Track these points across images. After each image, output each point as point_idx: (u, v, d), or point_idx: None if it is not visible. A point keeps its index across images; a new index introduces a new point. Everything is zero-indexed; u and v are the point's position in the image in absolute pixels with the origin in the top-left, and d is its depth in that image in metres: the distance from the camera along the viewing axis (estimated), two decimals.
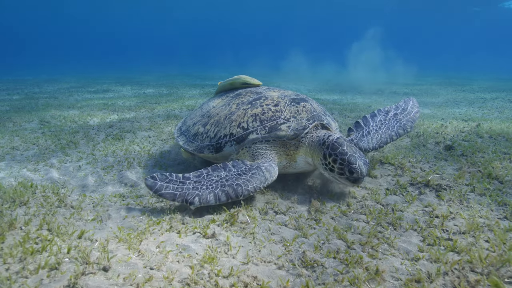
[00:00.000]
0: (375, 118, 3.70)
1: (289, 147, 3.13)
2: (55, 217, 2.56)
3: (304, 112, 3.24)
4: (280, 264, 2.00)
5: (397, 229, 2.47)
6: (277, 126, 3.12)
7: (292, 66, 25.68)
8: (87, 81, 17.90)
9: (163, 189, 2.67)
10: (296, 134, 3.08)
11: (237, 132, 3.20)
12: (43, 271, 1.91)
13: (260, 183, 2.77)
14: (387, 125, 3.59)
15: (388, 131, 3.52)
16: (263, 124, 3.15)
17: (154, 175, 2.77)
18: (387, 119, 3.66)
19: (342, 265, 1.98)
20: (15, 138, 5.27)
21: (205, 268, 1.94)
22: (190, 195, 2.63)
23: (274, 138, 3.12)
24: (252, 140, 3.12)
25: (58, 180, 3.52)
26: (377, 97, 11.40)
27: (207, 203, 2.61)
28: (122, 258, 2.03)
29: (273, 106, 3.28)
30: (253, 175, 2.79)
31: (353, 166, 2.72)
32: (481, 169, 3.52)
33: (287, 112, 3.21)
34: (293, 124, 3.13)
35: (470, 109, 8.64)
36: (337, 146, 2.84)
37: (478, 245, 2.20)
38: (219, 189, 2.68)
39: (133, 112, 7.78)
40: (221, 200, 2.63)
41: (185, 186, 2.72)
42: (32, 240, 2.22)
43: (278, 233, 2.38)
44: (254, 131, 3.13)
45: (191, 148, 3.48)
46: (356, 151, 2.85)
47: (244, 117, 3.26)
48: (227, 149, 3.22)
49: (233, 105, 3.55)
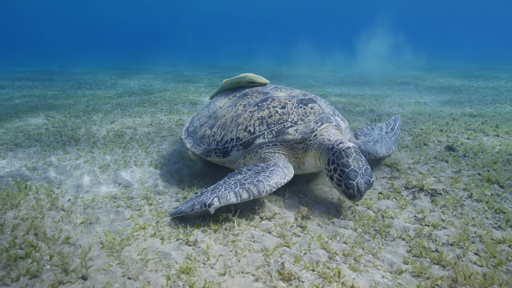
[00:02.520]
0: (375, 131, 4.05)
1: (297, 150, 3.06)
2: (43, 222, 2.59)
3: (312, 114, 3.15)
4: (257, 276, 1.98)
5: (385, 237, 2.42)
6: (284, 129, 3.06)
7: (300, 55, 25.30)
8: (96, 74, 18.08)
9: (183, 207, 2.66)
10: (304, 137, 3.01)
11: (243, 136, 3.16)
12: (24, 279, 1.94)
13: (280, 178, 2.69)
14: (385, 139, 3.84)
15: (388, 144, 3.70)
16: (270, 128, 3.09)
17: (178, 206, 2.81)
18: (382, 133, 4.01)
19: (320, 278, 1.95)
20: (19, 135, 5.37)
21: (181, 279, 1.94)
22: (208, 199, 2.53)
23: (282, 142, 3.05)
24: (259, 144, 3.07)
25: (54, 179, 3.57)
26: (386, 88, 11.13)
27: (227, 202, 2.48)
28: (102, 266, 2.05)
29: (280, 108, 3.20)
30: (272, 171, 2.73)
31: (350, 181, 2.56)
32: (481, 172, 3.39)
33: (294, 114, 3.14)
34: (301, 127, 3.06)
35: (481, 102, 8.33)
36: (343, 155, 2.70)
37: (466, 259, 2.13)
38: (239, 187, 2.58)
39: (137, 106, 7.82)
40: (243, 198, 2.52)
41: (203, 196, 2.68)
42: (18, 245, 2.26)
43: (261, 241, 2.36)
44: (261, 135, 3.08)
45: (198, 151, 3.46)
46: (363, 167, 2.64)
47: (251, 120, 3.21)
48: (234, 154, 3.18)
49: (239, 106, 3.49)
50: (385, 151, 3.51)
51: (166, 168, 3.89)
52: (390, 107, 7.66)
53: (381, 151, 3.45)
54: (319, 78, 14.51)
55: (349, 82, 13.14)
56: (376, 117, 6.41)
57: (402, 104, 8.00)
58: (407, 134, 5.09)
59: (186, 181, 3.48)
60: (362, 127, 4.75)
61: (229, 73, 17.24)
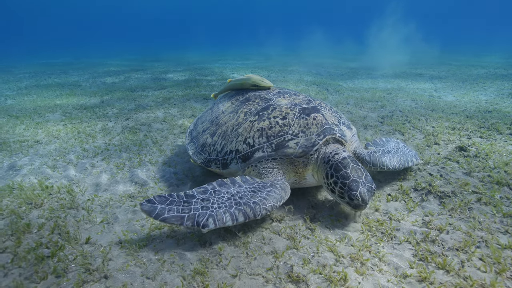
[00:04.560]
0: (391, 142, 3.76)
1: (297, 164, 2.98)
2: (66, 221, 2.76)
3: (314, 125, 3.03)
4: (268, 278, 2.09)
5: (391, 241, 2.48)
6: (285, 143, 2.96)
7: (310, 45, 25.00)
8: (109, 67, 18.33)
9: (165, 213, 2.34)
10: (304, 151, 2.92)
11: (242, 148, 3.09)
12: (51, 277, 2.10)
13: (276, 201, 2.59)
14: (402, 151, 3.56)
15: (405, 157, 3.45)
16: (270, 140, 3.00)
17: (150, 198, 2.45)
18: (400, 147, 3.66)
19: (326, 282, 2.04)
20: (38, 131, 5.59)
21: (195, 280, 2.06)
22: (201, 216, 2.33)
23: (281, 156, 2.96)
24: (258, 158, 2.99)
25: (74, 178, 3.75)
26: (400, 81, 10.97)
27: (223, 225, 2.32)
28: (121, 267, 2.19)
29: (280, 119, 3.10)
30: (269, 192, 2.63)
31: (353, 193, 2.56)
32: (491, 174, 3.40)
33: (295, 126, 3.03)
34: (302, 140, 2.95)
35: (498, 95, 8.15)
36: (340, 167, 2.69)
37: (470, 264, 2.18)
38: (235, 208, 2.42)
39: (151, 101, 7.97)
40: (239, 221, 2.37)
41: (192, 206, 2.43)
42: (44, 245, 2.42)
43: (271, 243, 2.46)
44: (260, 148, 3.00)
45: (199, 160, 3.44)
46: (363, 175, 2.65)
47: (251, 131, 3.13)
48: (233, 167, 3.11)
49: (241, 113, 3.42)
50: (396, 163, 3.30)
51: (180, 167, 4.02)
52: (403, 101, 7.59)
53: (390, 163, 3.25)
54: (331, 69, 14.37)
55: (362, 73, 12.99)
56: (388, 113, 6.38)
57: (416, 98, 7.91)
58: (418, 132, 5.07)
59: (199, 180, 3.60)
60: (374, 125, 4.76)
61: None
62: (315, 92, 8.87)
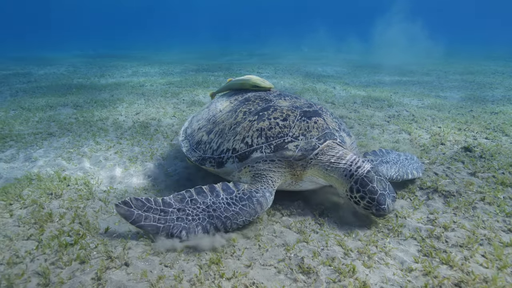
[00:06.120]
0: (391, 154, 3.64)
1: (296, 167, 2.91)
2: (85, 212, 2.89)
3: (315, 129, 2.98)
4: (279, 268, 2.21)
5: (397, 237, 2.59)
6: (284, 144, 2.89)
7: (314, 43, 24.98)
8: (117, 60, 18.47)
9: (142, 220, 2.45)
10: (304, 154, 2.87)
11: (240, 148, 3.01)
12: (75, 263, 2.23)
13: (249, 217, 2.60)
14: (402, 163, 3.48)
15: (404, 168, 3.37)
16: (269, 141, 2.93)
17: (127, 201, 2.49)
18: (400, 159, 3.56)
19: (336, 273, 2.15)
20: (51, 124, 5.73)
21: (212, 269, 2.18)
22: (175, 228, 2.45)
23: (280, 158, 2.91)
24: (256, 159, 2.92)
25: (89, 170, 3.88)
26: (407, 79, 11.00)
27: (195, 237, 2.46)
28: (141, 255, 2.32)
29: (281, 120, 3.03)
30: (243, 207, 2.63)
31: (382, 207, 2.58)
32: (495, 174, 3.48)
33: (296, 128, 2.97)
34: (302, 143, 2.90)
35: (505, 98, 8.18)
36: (366, 182, 2.65)
37: (473, 260, 2.28)
38: (207, 221, 2.52)
39: (160, 96, 8.09)
40: (209, 234, 2.49)
41: (168, 216, 2.52)
42: (66, 233, 2.55)
43: (282, 236, 2.58)
44: (258, 148, 2.93)
45: (193, 157, 3.35)
46: (386, 185, 2.68)
47: (249, 130, 3.05)
48: (228, 166, 3.03)
49: (239, 113, 3.32)
50: (393, 174, 3.22)
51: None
52: (410, 101, 7.65)
53: (386, 173, 3.17)
54: (338, 67, 14.40)
55: (367, 72, 13.02)
56: (395, 113, 6.46)
57: (422, 98, 7.96)
58: (425, 132, 5.15)
59: (210, 175, 3.72)
60: (379, 124, 4.83)
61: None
62: (322, 90, 8.94)
